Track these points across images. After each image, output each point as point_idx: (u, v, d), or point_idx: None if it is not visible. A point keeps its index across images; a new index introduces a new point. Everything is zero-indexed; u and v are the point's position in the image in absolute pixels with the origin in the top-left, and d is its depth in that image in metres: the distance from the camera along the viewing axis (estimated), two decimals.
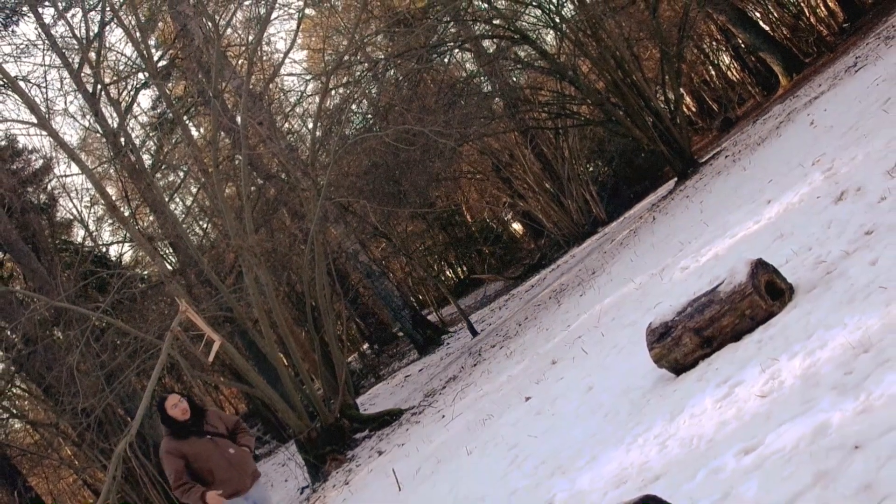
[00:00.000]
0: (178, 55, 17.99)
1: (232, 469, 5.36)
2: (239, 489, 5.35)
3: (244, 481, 5.40)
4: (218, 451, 5.37)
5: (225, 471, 5.33)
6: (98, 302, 11.46)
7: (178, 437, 5.40)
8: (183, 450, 5.34)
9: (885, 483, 2.24)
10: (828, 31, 24.14)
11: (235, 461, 5.40)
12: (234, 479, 5.35)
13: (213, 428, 5.48)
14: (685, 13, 17.97)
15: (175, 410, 5.43)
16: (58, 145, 13.22)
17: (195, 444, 5.36)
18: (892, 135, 6.01)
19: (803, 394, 3.12)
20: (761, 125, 15.71)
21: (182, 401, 5.49)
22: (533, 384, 7.32)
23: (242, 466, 5.43)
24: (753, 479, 2.77)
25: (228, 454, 5.39)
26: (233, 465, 5.37)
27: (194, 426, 5.43)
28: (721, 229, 7.77)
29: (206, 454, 5.33)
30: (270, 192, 17.05)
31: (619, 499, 3.35)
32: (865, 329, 3.24)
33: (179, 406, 5.44)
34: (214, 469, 5.31)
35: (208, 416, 5.56)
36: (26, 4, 13.76)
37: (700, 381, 4.12)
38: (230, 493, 5.28)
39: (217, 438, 5.44)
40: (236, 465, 5.39)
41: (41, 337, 12.43)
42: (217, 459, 5.34)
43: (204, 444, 5.37)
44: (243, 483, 5.39)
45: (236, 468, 5.38)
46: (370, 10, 16.62)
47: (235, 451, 5.43)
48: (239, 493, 5.35)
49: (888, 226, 4.26)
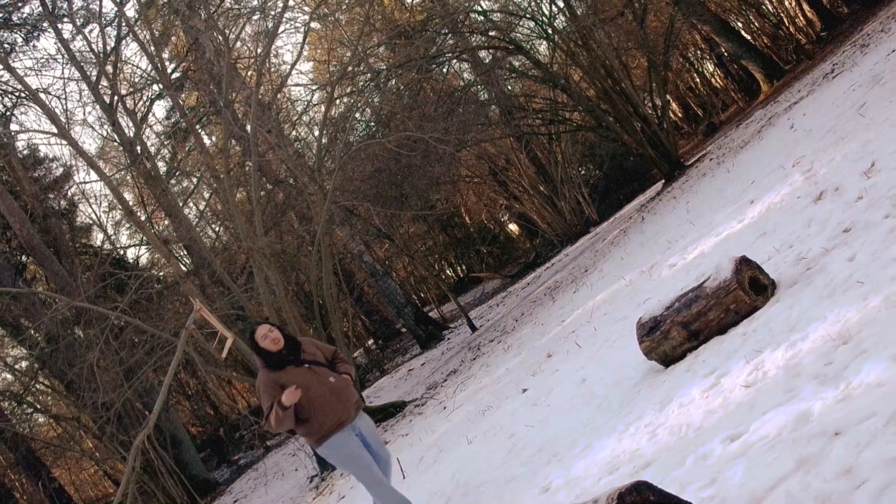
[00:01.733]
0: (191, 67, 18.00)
1: (334, 398, 4.68)
2: (343, 419, 4.68)
3: (348, 410, 4.72)
4: (318, 379, 4.69)
5: (327, 400, 4.65)
6: (116, 302, 11.46)
7: (274, 369, 4.70)
8: (280, 381, 4.63)
9: (864, 467, 2.24)
10: (806, 39, 24.12)
11: (337, 389, 4.71)
12: (337, 408, 4.67)
13: (310, 356, 4.80)
14: (671, 24, 17.99)
15: (266, 342, 4.73)
16: (77, 154, 13.22)
17: (293, 373, 4.67)
18: (868, 138, 6.01)
19: (786, 384, 3.12)
20: (744, 129, 15.71)
21: (273, 330, 4.78)
22: (529, 376, 7.32)
23: (345, 395, 4.74)
24: (739, 464, 2.77)
25: (329, 383, 4.70)
26: (335, 394, 4.69)
27: (290, 355, 4.75)
28: (706, 228, 7.77)
29: (305, 383, 4.63)
30: (279, 197, 17.05)
31: (612, 484, 3.35)
32: (844, 322, 3.24)
33: (270, 336, 4.74)
34: (315, 398, 4.63)
35: (304, 344, 4.88)
36: (46, 20, 13.76)
37: (688, 372, 4.13)
38: (334, 424, 4.64)
39: (316, 367, 4.76)
40: (338, 394, 4.71)
41: (63, 335, 12.43)
42: (318, 388, 4.66)
43: (302, 373, 4.68)
44: (347, 412, 4.72)
45: (339, 397, 4.70)
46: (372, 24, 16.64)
47: (336, 380, 4.74)
48: (343, 423, 4.68)
49: (865, 224, 4.26)
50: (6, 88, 15.85)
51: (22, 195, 15.99)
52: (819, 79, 13.32)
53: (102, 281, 13.78)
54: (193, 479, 15.07)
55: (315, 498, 9.37)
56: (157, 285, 14.53)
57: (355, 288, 23.29)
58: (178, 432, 16.50)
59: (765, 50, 22.97)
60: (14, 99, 16.30)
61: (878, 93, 7.70)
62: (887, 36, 11.16)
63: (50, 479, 17.32)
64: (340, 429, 4.65)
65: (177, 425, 17.00)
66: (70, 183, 20.83)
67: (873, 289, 3.35)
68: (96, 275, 14.10)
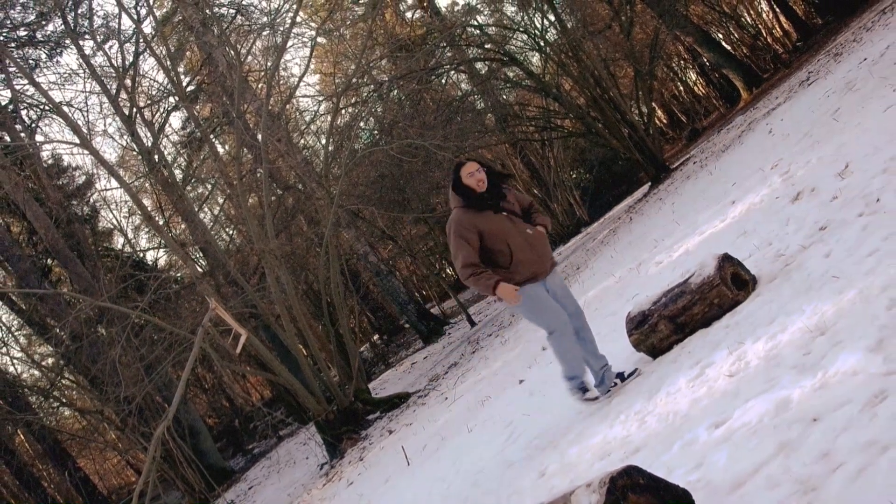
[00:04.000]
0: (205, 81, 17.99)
1: (531, 250, 4.16)
2: (537, 273, 4.17)
3: (544, 265, 4.21)
4: (516, 229, 4.15)
5: (523, 251, 4.13)
6: (137, 301, 11.45)
7: (473, 210, 4.14)
8: (478, 224, 4.10)
9: (841, 451, 2.24)
10: (783, 49, 24.13)
11: (534, 242, 4.19)
12: (533, 260, 4.16)
13: (509, 205, 4.23)
14: (655, 35, 17.99)
15: (471, 179, 4.16)
16: (98, 163, 13.20)
17: (491, 219, 4.12)
18: (842, 141, 6.01)
19: (767, 373, 3.12)
20: (725, 134, 15.69)
21: (480, 170, 4.19)
22: (526, 368, 7.32)
23: (542, 248, 4.22)
24: (723, 449, 2.76)
25: (527, 234, 4.17)
26: (531, 246, 4.17)
27: (492, 199, 4.18)
28: (691, 227, 7.76)
29: (504, 231, 4.11)
30: (289, 201, 17.04)
31: (603, 469, 3.35)
32: (821, 314, 3.24)
33: (476, 175, 4.16)
34: (513, 248, 4.11)
35: (506, 191, 4.28)
36: (69, 38, 13.75)
37: (674, 363, 4.12)
38: (528, 277, 4.13)
39: (514, 217, 4.20)
40: (535, 247, 4.18)
41: (87, 333, 12.43)
42: (515, 238, 4.12)
43: (501, 221, 4.13)
44: (542, 266, 4.20)
45: (535, 250, 4.18)
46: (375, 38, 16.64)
47: (533, 232, 4.21)
48: (537, 276, 4.17)
49: (840, 222, 4.25)
50: (31, 102, 15.85)
51: (47, 202, 15.98)
52: (795, 86, 13.31)
53: (123, 282, 13.77)
54: (210, 467, 15.07)
55: (325, 484, 9.36)
56: (174, 286, 14.50)
57: (361, 286, 23.28)
58: (195, 424, 16.49)
59: (744, 59, 22.97)
60: (39, 112, 16.30)
61: (851, 99, 7.70)
62: (859, 45, 11.16)
63: (75, 468, 17.31)
64: (534, 281, 4.16)
65: (194, 417, 17.00)
66: (92, 190, 20.82)
67: (848, 283, 3.35)
68: (117, 276, 14.08)
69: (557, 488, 3.52)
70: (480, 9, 21.14)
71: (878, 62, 8.31)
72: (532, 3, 17.07)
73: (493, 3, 19.88)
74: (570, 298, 4.38)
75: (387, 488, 6.63)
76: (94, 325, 13.48)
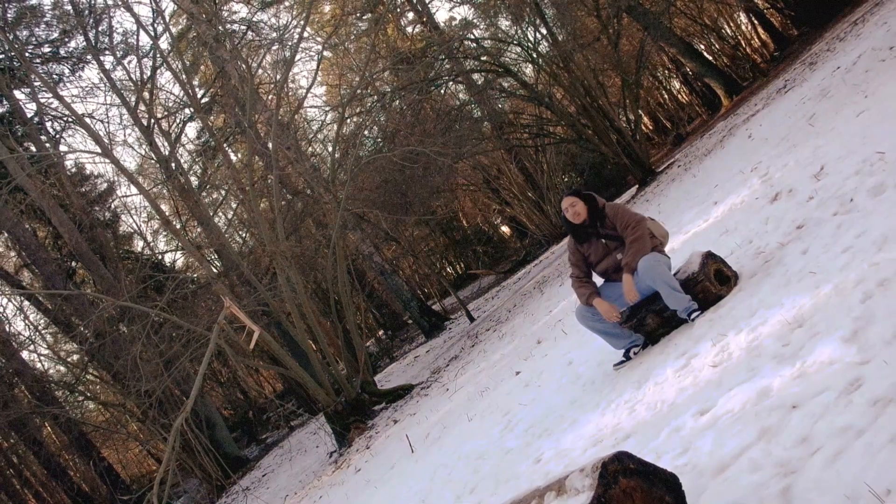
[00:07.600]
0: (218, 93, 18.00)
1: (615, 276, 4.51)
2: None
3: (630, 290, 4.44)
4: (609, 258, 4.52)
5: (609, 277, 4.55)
6: (156, 301, 11.45)
7: (576, 239, 4.60)
8: (581, 249, 4.58)
9: (818, 436, 2.24)
10: (761, 58, 24.13)
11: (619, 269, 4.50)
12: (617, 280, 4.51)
13: (609, 229, 4.50)
14: (641, 47, 17.97)
15: (567, 213, 4.56)
16: (119, 171, 13.22)
17: (592, 246, 4.54)
18: (818, 144, 6.01)
19: (748, 363, 3.12)
20: (708, 139, 15.68)
21: (575, 203, 4.53)
22: (522, 361, 7.31)
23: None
24: (708, 435, 2.76)
25: (616, 260, 4.49)
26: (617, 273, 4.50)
27: (591, 227, 4.53)
28: (676, 227, 7.76)
29: (596, 257, 4.53)
30: (298, 206, 17.04)
31: (596, 455, 3.35)
32: (799, 308, 3.24)
33: (570, 210, 4.53)
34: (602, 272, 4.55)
35: (609, 215, 4.52)
36: (90, 53, 13.75)
37: (662, 354, 4.12)
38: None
39: (609, 242, 4.51)
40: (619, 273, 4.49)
41: (109, 331, 12.43)
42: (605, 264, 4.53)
43: (598, 248, 4.52)
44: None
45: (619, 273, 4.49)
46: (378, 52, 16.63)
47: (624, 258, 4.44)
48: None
49: (816, 220, 4.25)
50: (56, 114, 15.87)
51: (71, 208, 15.98)
52: (773, 93, 13.30)
53: (143, 283, 13.78)
54: (226, 456, 15.07)
55: (334, 471, 9.36)
56: (191, 286, 14.50)
57: (366, 285, 23.29)
58: (212, 415, 16.49)
59: (725, 69, 22.94)
60: (63, 123, 16.33)
61: (826, 105, 7.70)
62: (833, 55, 11.15)
63: (100, 458, 17.31)
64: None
65: (211, 409, 16.99)
66: (113, 197, 20.85)
67: (824, 278, 3.35)
68: (138, 277, 14.09)
69: (552, 473, 3.52)
70: (476, 23, 21.15)
71: (851, 70, 8.31)
72: (525, 18, 17.06)
73: (488, 17, 19.86)
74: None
75: (392, 474, 6.63)
76: (116, 324, 13.48)
